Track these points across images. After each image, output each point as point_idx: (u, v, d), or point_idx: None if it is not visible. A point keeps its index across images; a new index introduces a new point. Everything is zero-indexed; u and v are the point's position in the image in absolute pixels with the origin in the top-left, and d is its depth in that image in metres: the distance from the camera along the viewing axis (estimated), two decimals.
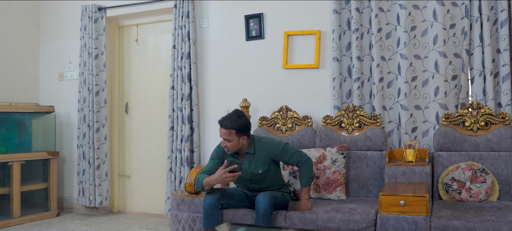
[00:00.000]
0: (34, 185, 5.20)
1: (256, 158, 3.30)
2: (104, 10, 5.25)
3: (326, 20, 4.20)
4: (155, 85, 5.22)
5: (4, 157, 4.79)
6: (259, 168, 3.30)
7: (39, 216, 5.05)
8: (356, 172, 3.75)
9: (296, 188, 3.66)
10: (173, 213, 3.61)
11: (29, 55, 5.71)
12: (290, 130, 4.08)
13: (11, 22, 5.50)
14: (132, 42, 5.40)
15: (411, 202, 2.93)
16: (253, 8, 4.49)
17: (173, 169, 4.65)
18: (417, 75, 3.86)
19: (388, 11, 3.96)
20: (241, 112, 3.33)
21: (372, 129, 3.79)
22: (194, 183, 3.55)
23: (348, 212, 3.11)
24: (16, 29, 5.56)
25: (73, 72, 5.54)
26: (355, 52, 3.98)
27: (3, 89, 5.40)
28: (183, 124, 4.60)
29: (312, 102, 4.23)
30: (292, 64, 4.30)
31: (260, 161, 3.30)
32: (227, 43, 4.62)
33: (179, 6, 4.68)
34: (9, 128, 5.10)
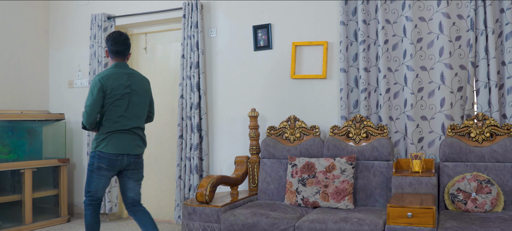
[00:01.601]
0: (45, 192, 5.28)
1: None
2: (113, 19, 5.33)
3: (333, 31, 4.27)
4: (163, 93, 5.30)
5: (16, 164, 4.87)
6: None
7: (50, 222, 5.14)
8: (363, 182, 3.82)
9: (304, 195, 3.74)
10: (185, 222, 3.69)
11: (39, 63, 5.80)
12: (298, 140, 4.16)
13: (21, 30, 5.59)
14: (141, 51, 5.48)
15: (419, 214, 3.00)
16: (261, 18, 4.56)
17: (182, 176, 4.73)
18: (423, 86, 3.93)
19: (395, 23, 4.03)
20: None
21: (379, 139, 3.86)
22: (204, 193, 3.63)
23: (357, 223, 3.18)
24: (26, 37, 5.64)
25: (82, 80, 5.62)
26: (362, 63, 4.05)
27: (14, 97, 5.48)
28: (192, 132, 4.68)
29: (320, 112, 4.30)
30: (300, 75, 4.38)
31: None
32: (236, 53, 4.69)
33: (188, 16, 4.75)
34: (20, 135, 5.18)
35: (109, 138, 3.45)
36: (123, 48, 3.60)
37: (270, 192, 4.10)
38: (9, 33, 5.46)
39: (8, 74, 5.45)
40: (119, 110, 3.48)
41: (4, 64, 5.41)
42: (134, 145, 3.54)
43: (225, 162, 4.71)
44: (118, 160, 3.47)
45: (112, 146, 3.45)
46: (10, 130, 5.06)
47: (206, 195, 3.63)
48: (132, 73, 3.61)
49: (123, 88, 3.49)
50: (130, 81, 3.55)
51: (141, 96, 3.60)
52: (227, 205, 3.69)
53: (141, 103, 3.60)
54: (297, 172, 3.87)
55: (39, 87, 5.79)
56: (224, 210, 3.62)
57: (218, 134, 4.76)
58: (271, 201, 4.06)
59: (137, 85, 3.58)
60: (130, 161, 3.52)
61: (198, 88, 4.68)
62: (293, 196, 3.83)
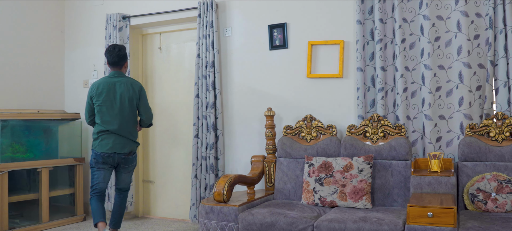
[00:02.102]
0: (61, 191, 5.32)
1: None
2: (128, 18, 5.35)
3: (349, 30, 4.26)
4: (178, 92, 5.32)
5: (33, 164, 4.91)
6: None
7: (66, 221, 5.17)
8: (381, 181, 3.80)
9: (322, 195, 3.74)
10: (202, 221, 3.70)
11: (55, 63, 5.84)
12: (315, 139, 4.15)
13: (37, 31, 5.63)
14: (155, 50, 5.50)
15: (439, 214, 2.98)
16: (276, 18, 4.56)
17: (198, 175, 4.74)
18: (441, 85, 3.91)
19: (412, 22, 4.01)
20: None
21: (397, 138, 3.85)
22: (222, 192, 3.64)
23: (376, 222, 3.16)
24: (42, 37, 5.68)
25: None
26: (379, 62, 4.04)
27: (30, 96, 5.53)
28: (208, 131, 4.69)
29: (336, 111, 4.29)
30: (316, 74, 4.37)
31: None
32: (251, 52, 4.69)
33: (203, 15, 4.76)
34: (36, 134, 5.22)
35: (100, 138, 4.07)
36: (117, 60, 4.14)
37: (287, 192, 4.10)
38: (25, 34, 5.50)
39: (25, 74, 5.49)
40: (104, 115, 4.07)
41: (21, 64, 5.45)
42: (121, 145, 4.08)
43: (240, 161, 4.72)
44: (110, 157, 4.06)
45: (102, 146, 4.05)
46: (27, 129, 5.10)
47: (224, 194, 3.64)
48: (119, 82, 4.12)
49: (106, 95, 4.07)
50: (114, 90, 4.08)
51: (122, 103, 4.09)
52: (245, 204, 3.69)
53: (124, 109, 4.09)
54: (314, 171, 3.87)
55: (54, 87, 5.83)
56: (242, 209, 3.62)
57: (234, 133, 4.77)
58: (288, 200, 4.06)
59: (119, 93, 4.09)
60: (121, 157, 4.10)
61: (213, 87, 4.69)
62: (310, 196, 3.82)
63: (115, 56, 4.12)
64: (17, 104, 5.38)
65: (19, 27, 5.43)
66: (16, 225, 4.79)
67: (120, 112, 4.08)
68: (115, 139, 4.06)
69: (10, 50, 5.34)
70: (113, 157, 4.06)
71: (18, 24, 5.43)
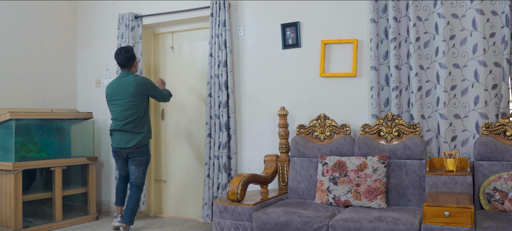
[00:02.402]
0: (74, 190, 5.34)
1: None
2: (140, 18, 5.37)
3: (363, 29, 4.24)
4: (190, 91, 5.32)
5: (46, 163, 4.93)
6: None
7: (79, 220, 5.20)
8: (395, 181, 3.78)
9: (336, 194, 3.73)
10: (216, 220, 3.70)
11: (67, 62, 5.87)
12: (328, 138, 4.13)
13: (50, 31, 5.66)
14: (167, 50, 5.51)
15: (456, 213, 2.95)
16: (289, 16, 4.55)
17: (210, 175, 4.74)
18: (456, 84, 3.87)
19: (426, 20, 3.98)
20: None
21: (411, 137, 3.82)
22: (236, 191, 3.63)
23: (392, 222, 3.14)
24: (55, 37, 5.71)
25: (110, 79, 5.67)
26: (393, 61, 4.01)
27: (43, 96, 5.56)
28: (221, 130, 4.68)
29: (350, 110, 4.27)
30: (329, 73, 4.35)
31: None
32: (264, 51, 4.69)
33: (216, 15, 4.76)
34: (50, 134, 5.25)
35: (112, 134, 4.59)
36: (125, 61, 4.52)
37: (301, 191, 4.09)
38: (38, 34, 5.53)
39: (38, 74, 5.52)
40: (113, 113, 4.55)
41: (34, 64, 5.48)
42: (126, 140, 4.47)
43: (253, 161, 4.71)
44: (118, 151, 4.55)
45: (113, 141, 4.58)
46: (40, 128, 5.13)
47: (238, 193, 3.63)
48: (125, 81, 4.48)
49: (114, 95, 4.50)
50: (118, 87, 4.48)
51: (125, 100, 4.44)
52: (259, 203, 3.68)
53: (129, 107, 4.44)
54: (328, 171, 3.85)
55: (67, 87, 5.86)
56: (256, 208, 3.61)
57: (246, 133, 4.76)
58: (302, 199, 4.05)
59: (123, 90, 4.46)
60: (127, 152, 4.50)
61: (226, 86, 4.68)
62: (324, 195, 3.81)
63: (123, 59, 4.50)
64: (31, 103, 5.41)
65: (32, 28, 5.46)
66: (30, 224, 4.82)
67: (125, 110, 4.46)
68: (121, 135, 4.49)
69: (23, 50, 5.37)
70: (121, 151, 4.53)
71: (32, 25, 5.46)
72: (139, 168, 4.57)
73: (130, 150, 4.48)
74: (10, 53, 5.24)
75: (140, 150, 4.50)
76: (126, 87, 4.47)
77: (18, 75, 5.32)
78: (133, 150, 4.48)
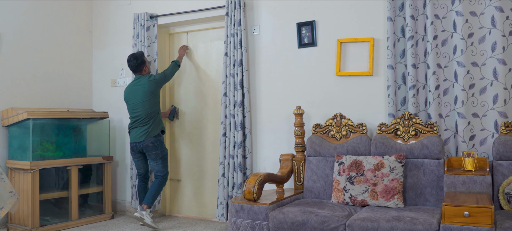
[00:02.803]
0: (90, 189, 5.38)
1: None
2: (155, 18, 5.38)
3: (379, 27, 4.21)
4: (205, 91, 5.32)
5: (62, 162, 4.97)
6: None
7: (95, 219, 5.23)
8: (412, 180, 3.74)
9: (352, 194, 3.70)
10: (232, 219, 3.69)
11: (83, 62, 5.91)
12: (345, 137, 4.11)
13: (66, 32, 5.70)
14: None
15: (476, 213, 2.91)
16: (305, 15, 4.53)
17: (225, 174, 4.73)
18: (474, 82, 3.83)
19: (444, 18, 3.93)
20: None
21: (429, 137, 3.78)
22: (252, 190, 3.62)
23: (410, 222, 3.11)
24: (71, 38, 5.76)
25: (125, 78, 5.70)
26: (410, 60, 3.98)
27: (59, 96, 5.60)
28: (236, 130, 4.68)
29: (366, 109, 4.24)
30: (346, 72, 4.33)
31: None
32: (279, 50, 4.67)
33: (231, 14, 4.76)
34: (66, 133, 5.29)
35: (129, 131, 4.93)
36: (135, 68, 4.89)
37: (317, 190, 4.07)
38: (55, 35, 5.58)
39: (54, 74, 5.57)
40: (130, 113, 4.91)
41: (50, 64, 5.53)
42: (139, 135, 4.81)
43: (268, 160, 4.70)
44: (134, 146, 4.88)
45: (130, 137, 4.93)
46: (56, 128, 5.17)
47: (254, 193, 3.63)
48: (137, 84, 4.87)
49: (129, 99, 4.89)
50: (132, 91, 4.87)
51: (138, 98, 4.82)
52: (275, 202, 3.67)
53: (139, 103, 4.81)
54: (345, 170, 3.83)
55: (83, 87, 5.90)
56: (272, 207, 3.60)
57: (262, 132, 4.75)
58: (318, 199, 4.03)
59: (135, 92, 4.85)
60: (142, 146, 4.82)
61: (241, 86, 4.68)
62: (340, 194, 3.79)
63: (133, 66, 4.88)
64: (47, 103, 5.46)
65: (48, 28, 5.51)
66: (46, 222, 4.86)
67: (138, 109, 4.82)
68: (135, 131, 4.85)
69: (40, 51, 5.42)
70: (137, 145, 4.85)
71: (48, 25, 5.51)
72: (157, 162, 4.84)
73: (143, 144, 4.80)
74: (27, 54, 5.29)
75: (153, 145, 4.79)
76: (140, 88, 4.83)
77: (35, 75, 5.36)
78: (147, 145, 4.79)
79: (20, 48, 5.22)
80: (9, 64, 5.11)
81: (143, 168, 5.00)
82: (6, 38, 5.08)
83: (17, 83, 5.18)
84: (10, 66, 5.11)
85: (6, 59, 5.08)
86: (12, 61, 5.14)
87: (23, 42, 5.25)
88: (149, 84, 4.81)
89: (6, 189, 3.26)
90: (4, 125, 4.98)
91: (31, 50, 5.33)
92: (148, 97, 4.81)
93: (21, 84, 5.22)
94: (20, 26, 5.22)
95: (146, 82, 4.82)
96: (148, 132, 4.78)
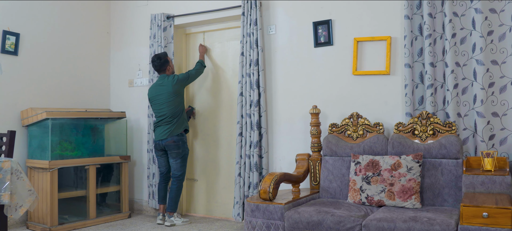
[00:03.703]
0: (108, 188, 5.43)
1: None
2: (172, 18, 5.41)
3: (397, 26, 4.16)
4: (221, 91, 5.33)
5: (81, 161, 5.03)
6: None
7: (112, 218, 5.27)
8: (430, 180, 3.69)
9: (369, 194, 3.66)
10: (247, 219, 3.69)
11: (101, 63, 5.97)
12: (361, 137, 4.07)
13: (84, 32, 5.77)
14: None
15: (495, 214, 2.86)
16: (321, 14, 4.50)
17: (241, 174, 4.73)
18: (494, 81, 3.76)
19: (463, 16, 3.87)
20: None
21: (447, 136, 3.72)
22: (268, 190, 3.61)
23: (427, 222, 3.07)
24: (89, 38, 5.82)
25: (142, 79, 5.74)
26: (428, 58, 3.92)
27: (78, 96, 5.67)
28: (252, 129, 4.67)
29: (383, 109, 4.20)
30: (362, 71, 4.29)
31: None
32: (295, 50, 4.66)
33: (247, 14, 4.76)
34: (84, 133, 5.35)
35: (154, 130, 5.06)
36: (159, 67, 5.01)
37: (333, 190, 4.04)
38: (74, 36, 5.64)
39: (73, 75, 5.63)
40: (154, 111, 5.04)
41: (69, 65, 5.60)
42: (162, 134, 4.92)
43: (284, 160, 4.68)
44: (158, 144, 4.99)
45: (154, 135, 5.05)
46: (75, 127, 5.23)
47: (270, 192, 3.61)
48: (161, 83, 4.98)
49: (153, 99, 5.00)
50: (156, 90, 4.98)
51: (163, 99, 4.92)
52: (290, 202, 3.66)
53: (164, 103, 4.91)
54: (361, 170, 3.79)
55: (101, 87, 5.96)
56: (288, 207, 3.59)
57: (278, 132, 4.74)
58: (334, 199, 4.00)
59: (159, 92, 4.95)
60: (164, 144, 4.93)
61: (257, 85, 4.67)
62: (357, 194, 3.75)
63: (157, 65, 4.99)
64: (66, 103, 5.53)
65: (67, 29, 5.58)
66: (65, 221, 4.92)
67: (163, 109, 4.91)
68: (160, 130, 4.95)
69: (59, 51, 5.49)
70: (160, 143, 4.96)
71: (67, 27, 5.57)
72: (176, 160, 4.94)
73: (166, 142, 4.90)
74: (47, 55, 5.36)
75: (175, 143, 4.89)
76: (164, 88, 4.93)
77: (54, 76, 5.43)
78: (169, 143, 4.89)
79: (39, 49, 5.29)
80: (29, 65, 5.18)
81: (165, 166, 5.09)
82: (26, 39, 5.16)
83: (36, 83, 5.25)
84: (29, 67, 5.19)
85: (26, 60, 5.16)
86: (32, 62, 5.22)
87: (42, 43, 5.32)
88: (173, 85, 4.90)
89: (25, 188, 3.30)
90: (24, 125, 5.06)
91: (50, 51, 5.40)
92: (173, 98, 4.90)
93: (40, 85, 5.29)
94: (40, 28, 5.30)
95: (169, 83, 4.91)
96: (171, 130, 4.89)
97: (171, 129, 4.89)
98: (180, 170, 4.97)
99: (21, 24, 5.12)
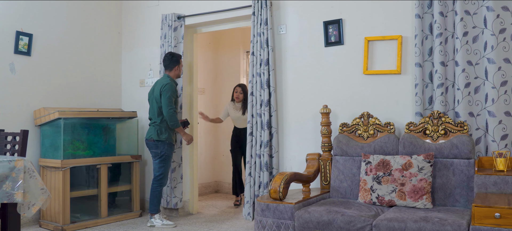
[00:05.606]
0: (119, 187, 5.46)
1: None
2: (183, 18, 5.43)
3: (407, 25, 4.14)
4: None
5: (92, 160, 5.07)
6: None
7: (123, 217, 5.31)
8: (441, 181, 3.67)
9: (379, 194, 3.64)
10: (258, 218, 3.69)
11: (113, 63, 6.01)
12: (372, 137, 4.06)
13: (96, 33, 5.81)
14: None
15: (507, 215, 2.84)
16: (332, 14, 4.49)
17: (252, 173, 4.74)
18: (506, 80, 3.72)
19: (475, 14, 3.84)
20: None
21: (459, 136, 3.70)
22: (278, 189, 3.61)
23: (438, 223, 3.05)
24: (101, 39, 5.86)
25: (153, 78, 5.77)
26: (439, 57, 3.90)
27: (89, 96, 5.71)
28: (262, 129, 4.68)
29: (394, 108, 4.18)
30: (373, 70, 4.28)
31: None
32: (306, 49, 4.65)
33: (258, 13, 4.76)
34: (96, 132, 5.39)
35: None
36: (167, 63, 4.99)
37: (343, 190, 4.03)
38: (86, 36, 5.69)
39: (85, 75, 5.68)
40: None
41: (81, 65, 5.64)
42: (149, 133, 4.95)
43: (295, 159, 4.68)
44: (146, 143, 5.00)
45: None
46: (87, 127, 5.27)
47: (280, 192, 3.62)
48: (158, 82, 4.95)
49: (149, 94, 5.02)
50: (150, 90, 4.99)
51: (151, 99, 4.96)
52: (301, 202, 3.66)
53: (155, 104, 4.92)
54: (372, 170, 3.78)
55: (112, 87, 6.00)
56: (298, 207, 3.59)
57: (288, 131, 4.74)
58: (344, 199, 3.99)
59: (151, 92, 4.97)
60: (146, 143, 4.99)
61: (268, 85, 4.68)
62: (367, 194, 3.74)
63: (165, 60, 4.99)
64: (78, 103, 5.57)
65: (80, 30, 5.62)
66: (77, 219, 4.96)
67: (152, 108, 4.96)
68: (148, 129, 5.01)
69: (71, 51, 5.54)
70: (146, 142, 5.00)
71: (79, 27, 5.62)
72: (155, 160, 4.95)
73: (147, 142, 4.97)
74: (59, 55, 5.41)
75: (154, 143, 4.90)
76: (155, 87, 4.96)
77: (66, 76, 5.48)
78: (149, 142, 4.94)
79: (52, 49, 5.34)
80: (41, 65, 5.23)
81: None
82: (39, 40, 5.21)
83: (49, 83, 5.30)
84: (42, 67, 5.24)
85: (39, 60, 5.21)
86: (45, 62, 5.27)
87: (55, 44, 5.37)
88: (160, 90, 4.88)
89: (38, 186, 3.34)
90: (36, 124, 5.11)
91: (62, 51, 5.45)
92: (156, 102, 4.92)
93: (53, 85, 5.34)
94: (52, 28, 5.35)
95: (158, 88, 4.90)
96: (151, 133, 4.92)
97: (156, 130, 4.88)
98: (158, 170, 4.93)
99: (34, 25, 5.18)
